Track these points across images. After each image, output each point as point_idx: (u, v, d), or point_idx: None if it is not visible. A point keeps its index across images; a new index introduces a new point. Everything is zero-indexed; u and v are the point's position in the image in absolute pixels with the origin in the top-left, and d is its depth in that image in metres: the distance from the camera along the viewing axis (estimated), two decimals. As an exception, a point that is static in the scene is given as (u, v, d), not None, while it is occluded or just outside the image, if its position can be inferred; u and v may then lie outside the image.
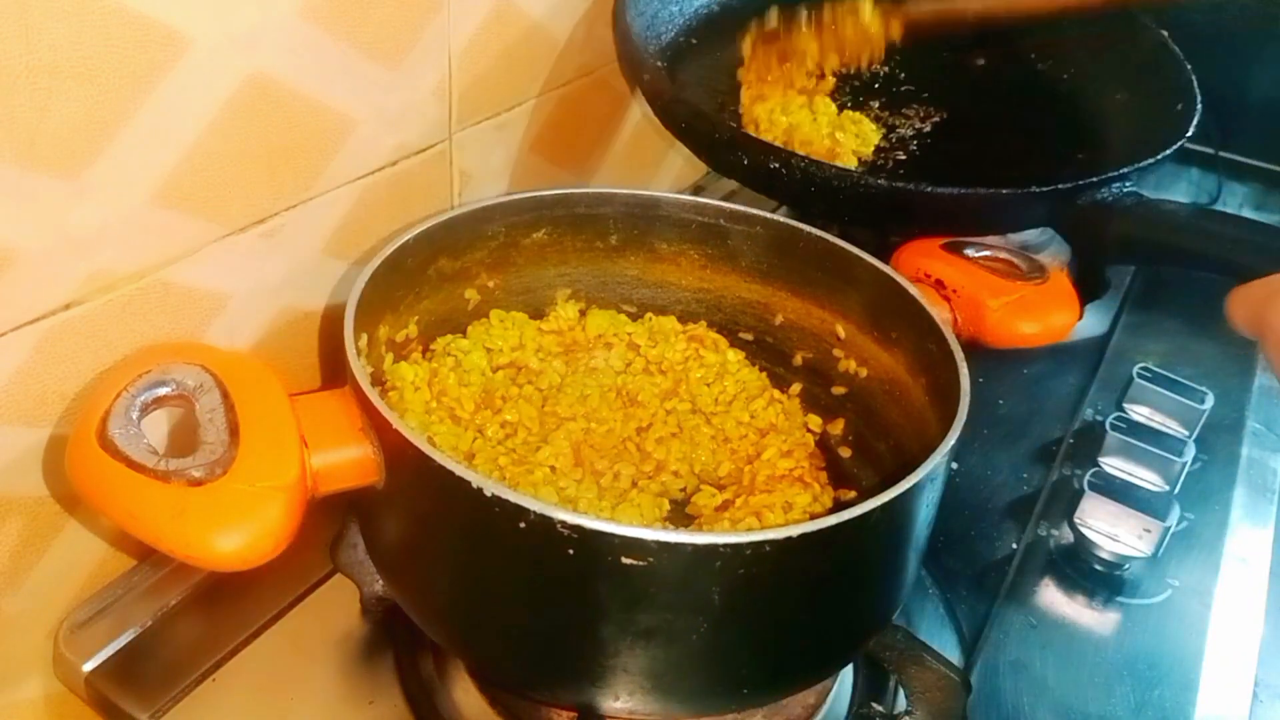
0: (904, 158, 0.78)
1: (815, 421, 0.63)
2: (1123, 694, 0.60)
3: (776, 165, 0.65)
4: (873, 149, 0.78)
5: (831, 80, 0.81)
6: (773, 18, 0.79)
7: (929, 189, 0.64)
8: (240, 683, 0.55)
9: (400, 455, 0.44)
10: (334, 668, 0.56)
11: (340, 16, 0.55)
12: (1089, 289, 0.66)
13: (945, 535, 0.67)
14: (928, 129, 0.82)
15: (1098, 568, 0.67)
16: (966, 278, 0.62)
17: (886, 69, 0.84)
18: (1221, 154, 1.08)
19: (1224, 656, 0.62)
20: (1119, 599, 0.66)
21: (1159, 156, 0.68)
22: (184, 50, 0.48)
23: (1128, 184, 0.66)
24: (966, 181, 0.64)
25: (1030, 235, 0.92)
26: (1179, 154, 0.70)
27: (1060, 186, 0.65)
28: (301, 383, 0.64)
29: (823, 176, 0.65)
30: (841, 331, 0.62)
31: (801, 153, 0.70)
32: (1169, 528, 0.66)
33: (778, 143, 0.73)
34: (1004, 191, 0.64)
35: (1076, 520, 0.67)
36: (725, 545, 0.40)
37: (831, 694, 0.56)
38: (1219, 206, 1.08)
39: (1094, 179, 0.65)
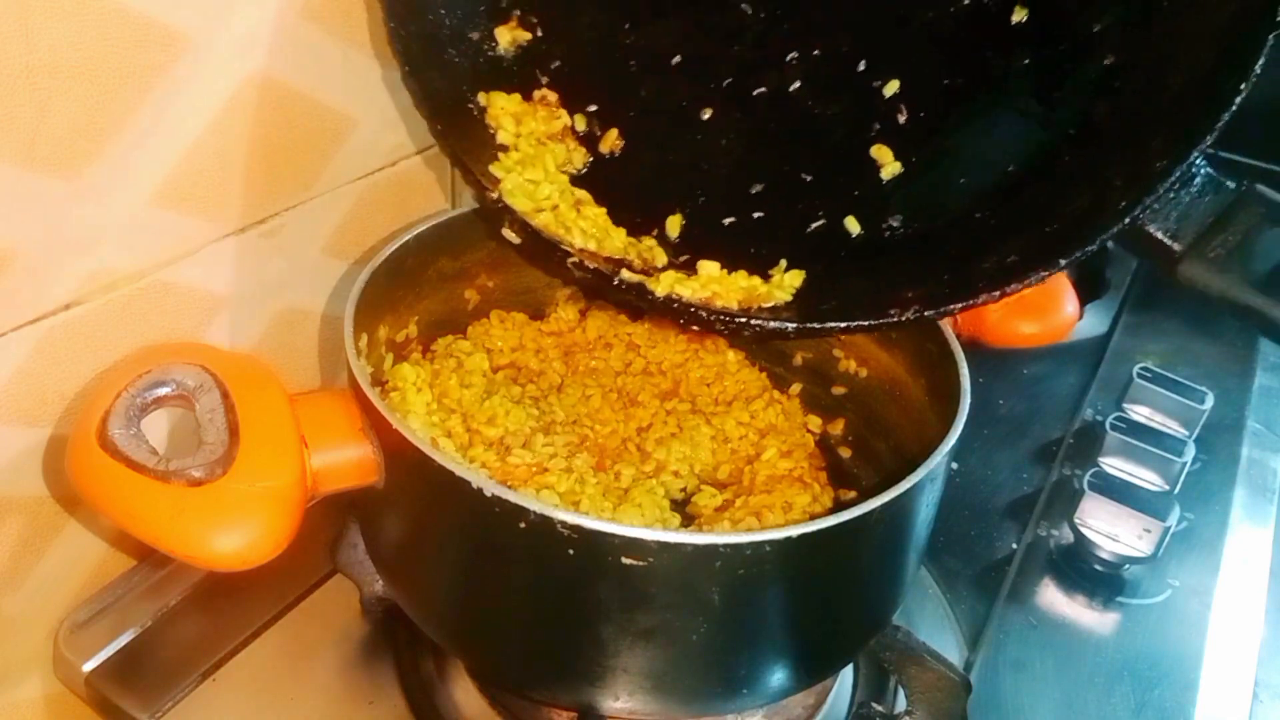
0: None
1: (815, 422, 0.63)
2: (1123, 694, 0.60)
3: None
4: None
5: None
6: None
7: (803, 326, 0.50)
8: (240, 683, 0.55)
9: (400, 455, 0.44)
10: (334, 668, 0.56)
11: (340, 16, 0.55)
12: (1089, 289, 0.66)
13: (945, 535, 0.67)
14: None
15: (1098, 568, 0.67)
16: (966, 278, 0.62)
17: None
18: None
19: (1224, 656, 0.62)
20: (1119, 599, 0.66)
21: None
22: (184, 50, 0.48)
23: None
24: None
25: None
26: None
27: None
28: (301, 383, 0.64)
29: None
30: (841, 332, 0.62)
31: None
32: (1169, 528, 0.66)
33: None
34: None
35: (1076, 520, 0.67)
36: (725, 545, 0.40)
37: (831, 694, 0.56)
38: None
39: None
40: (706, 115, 0.57)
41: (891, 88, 0.55)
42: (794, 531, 0.41)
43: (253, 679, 0.55)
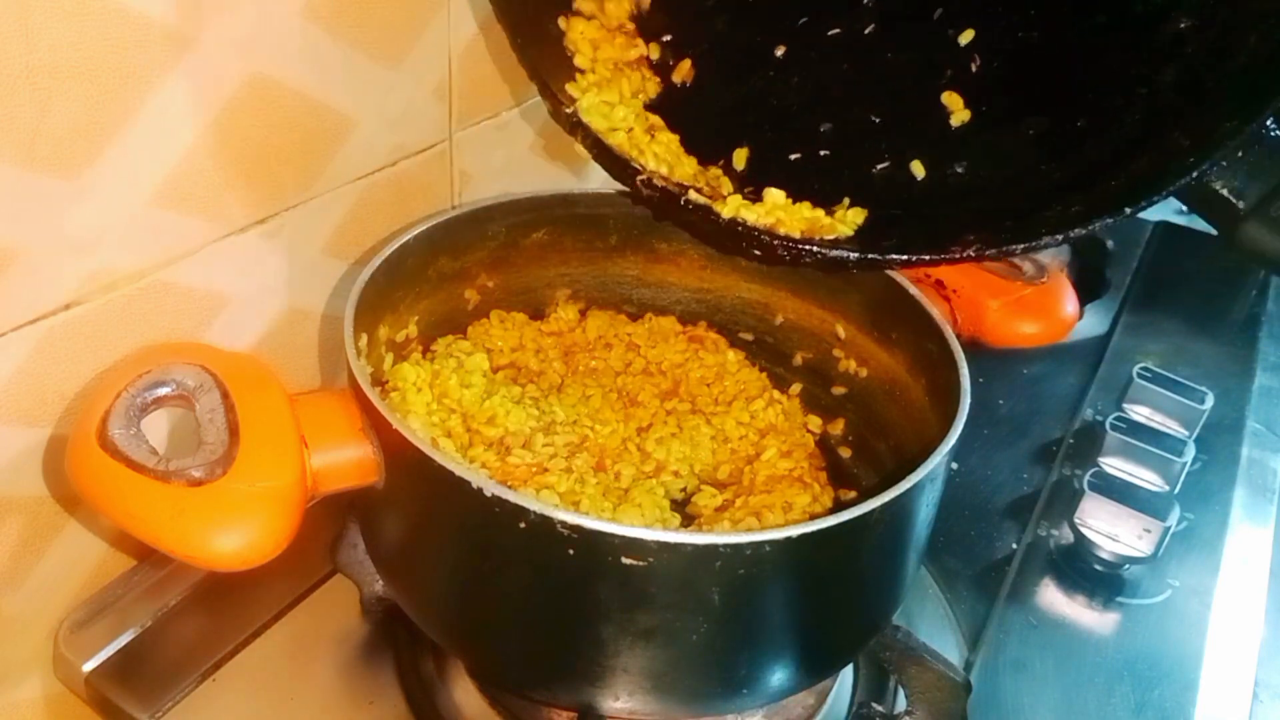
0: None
1: (815, 422, 0.63)
2: (1123, 694, 0.60)
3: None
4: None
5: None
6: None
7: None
8: (240, 683, 0.55)
9: (400, 455, 0.44)
10: (334, 668, 0.56)
11: (340, 16, 0.55)
12: (1089, 289, 0.66)
13: (945, 535, 0.67)
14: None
15: (1098, 568, 0.67)
16: (966, 278, 0.62)
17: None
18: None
19: (1224, 656, 0.62)
20: (1119, 599, 0.66)
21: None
22: (184, 50, 0.48)
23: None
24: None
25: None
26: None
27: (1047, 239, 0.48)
28: (301, 383, 0.64)
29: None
30: (841, 331, 0.62)
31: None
32: (1169, 528, 0.66)
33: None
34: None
35: (1076, 520, 0.67)
36: (725, 545, 0.40)
37: (831, 694, 0.56)
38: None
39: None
40: (779, 52, 0.58)
41: (966, 37, 0.56)
42: (794, 531, 0.41)
43: (253, 679, 0.55)
